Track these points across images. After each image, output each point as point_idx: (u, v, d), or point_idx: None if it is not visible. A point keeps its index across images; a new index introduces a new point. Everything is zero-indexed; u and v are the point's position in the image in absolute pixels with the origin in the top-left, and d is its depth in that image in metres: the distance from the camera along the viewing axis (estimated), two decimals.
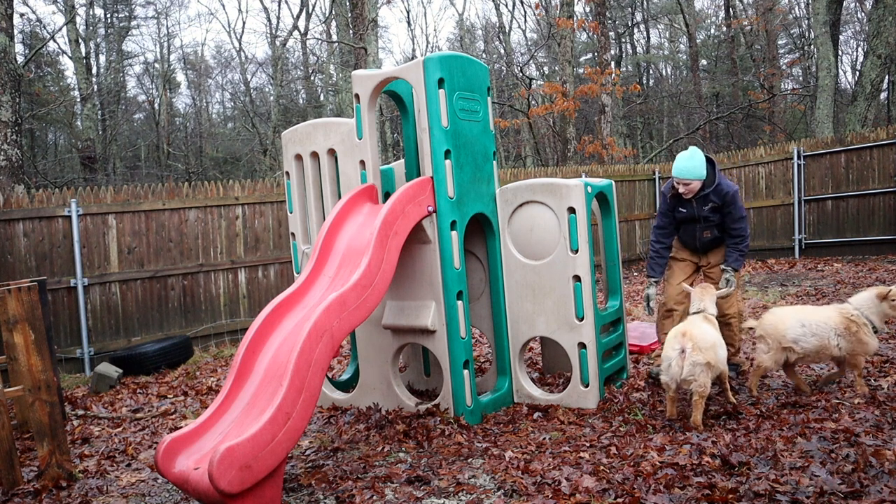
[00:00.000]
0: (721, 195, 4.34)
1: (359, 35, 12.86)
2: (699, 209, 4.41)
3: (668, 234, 4.62)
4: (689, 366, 3.58)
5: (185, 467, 2.94)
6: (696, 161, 4.31)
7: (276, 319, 3.51)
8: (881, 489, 2.72)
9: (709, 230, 4.47)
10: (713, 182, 4.35)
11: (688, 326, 3.77)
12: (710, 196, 4.36)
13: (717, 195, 4.35)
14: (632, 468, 3.14)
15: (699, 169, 4.30)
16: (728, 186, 4.36)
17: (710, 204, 4.36)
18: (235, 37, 44.68)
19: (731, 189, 4.35)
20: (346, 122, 4.42)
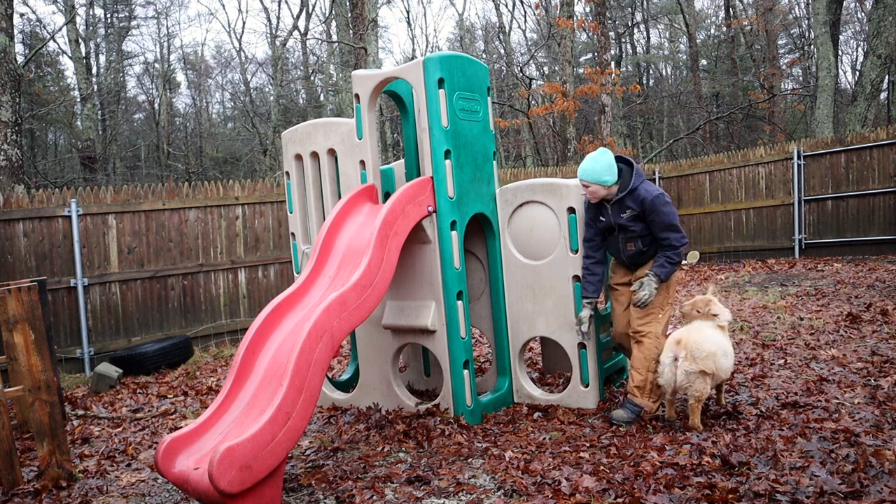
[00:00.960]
0: (638, 201, 3.85)
1: (359, 35, 12.86)
2: (616, 217, 3.93)
3: (596, 247, 4.10)
4: (682, 374, 3.57)
5: (185, 467, 2.94)
6: (599, 163, 3.90)
7: (276, 319, 3.51)
8: (881, 489, 2.72)
9: (632, 242, 3.95)
10: (627, 186, 3.89)
11: (685, 333, 3.69)
12: (625, 202, 3.89)
13: (633, 201, 3.86)
14: (632, 468, 3.14)
15: (601, 172, 3.88)
16: (647, 192, 3.84)
17: (627, 211, 3.89)
18: (235, 37, 44.73)
19: (649, 195, 3.83)
20: (346, 122, 4.42)
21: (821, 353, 5.03)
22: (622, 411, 3.89)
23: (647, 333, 3.86)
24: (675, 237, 3.83)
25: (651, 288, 3.83)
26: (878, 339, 5.32)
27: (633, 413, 3.85)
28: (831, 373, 4.49)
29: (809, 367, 4.67)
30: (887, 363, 4.60)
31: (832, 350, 5.07)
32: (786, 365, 4.79)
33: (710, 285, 4.41)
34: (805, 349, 5.18)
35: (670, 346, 3.68)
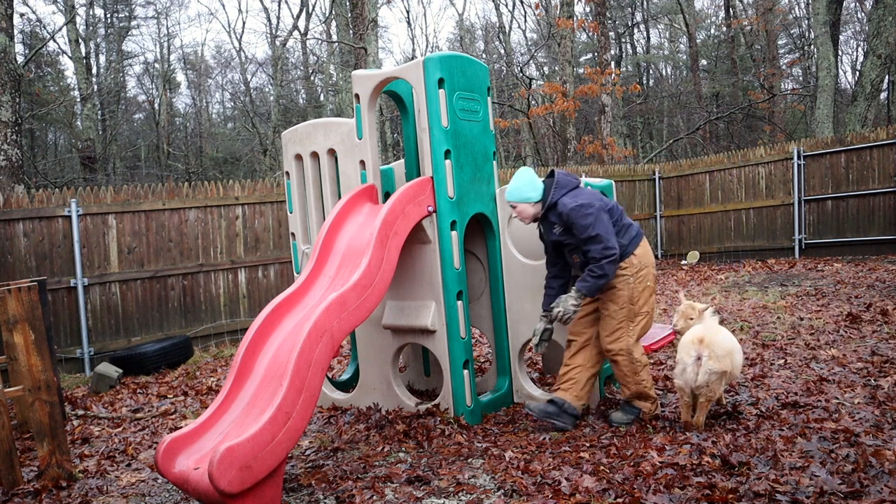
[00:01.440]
0: (558, 214, 3.72)
1: (359, 35, 12.86)
2: (548, 234, 3.86)
3: (551, 262, 4.00)
4: (704, 374, 3.48)
5: (185, 467, 2.94)
6: (520, 181, 3.81)
7: (276, 319, 3.51)
8: (881, 489, 2.72)
9: (575, 254, 3.81)
10: (547, 201, 3.78)
11: (706, 332, 3.58)
12: (549, 217, 3.80)
13: (555, 216, 3.75)
14: (632, 468, 3.14)
15: (523, 189, 3.79)
16: (564, 205, 3.68)
17: (554, 227, 3.78)
18: (235, 37, 44.72)
19: (566, 207, 3.67)
20: (346, 122, 4.42)
21: (821, 353, 5.03)
22: (621, 413, 3.89)
23: (618, 352, 3.75)
24: (596, 249, 3.59)
25: (567, 304, 3.68)
26: (878, 339, 5.32)
27: (632, 415, 3.86)
28: (831, 373, 4.49)
29: (809, 367, 4.67)
30: (887, 363, 4.60)
31: (832, 350, 5.07)
32: (786, 365, 4.79)
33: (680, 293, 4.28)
34: (805, 349, 5.18)
35: (692, 346, 3.55)
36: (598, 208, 3.66)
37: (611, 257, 3.58)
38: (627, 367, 3.76)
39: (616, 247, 3.61)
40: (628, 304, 3.73)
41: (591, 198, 3.71)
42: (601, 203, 3.71)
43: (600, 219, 3.62)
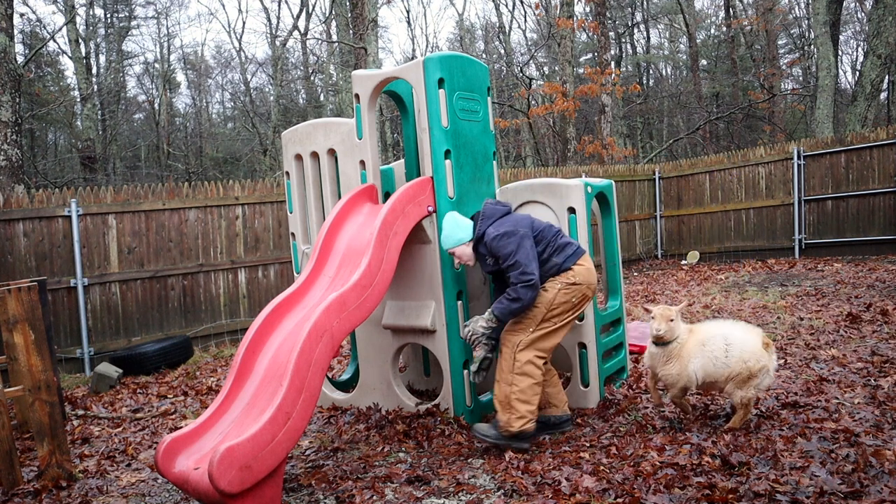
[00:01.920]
0: (485, 245, 3.68)
1: (359, 35, 12.86)
2: (484, 265, 3.80)
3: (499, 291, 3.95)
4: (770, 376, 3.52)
5: (185, 467, 2.94)
6: (448, 227, 3.79)
7: (276, 319, 3.51)
8: (881, 489, 2.72)
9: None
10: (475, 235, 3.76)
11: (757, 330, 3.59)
12: (479, 250, 3.76)
13: (483, 247, 3.71)
14: (632, 468, 3.14)
15: (452, 233, 3.76)
16: (489, 235, 3.66)
17: (486, 258, 3.73)
18: (235, 37, 44.72)
19: (488, 236, 3.65)
20: (346, 122, 4.41)
21: (821, 353, 5.03)
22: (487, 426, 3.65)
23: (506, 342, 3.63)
24: (514, 274, 3.52)
25: (476, 325, 3.64)
26: (878, 339, 5.32)
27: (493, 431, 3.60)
28: (831, 373, 4.48)
29: (809, 367, 4.66)
30: (887, 363, 4.60)
31: (832, 350, 5.07)
32: (786, 365, 4.79)
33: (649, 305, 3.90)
34: (805, 349, 5.18)
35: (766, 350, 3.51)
36: (522, 235, 3.59)
37: (527, 282, 3.48)
38: (506, 363, 3.61)
39: (534, 273, 3.50)
40: (545, 307, 3.59)
41: (516, 224, 3.66)
42: (526, 229, 3.64)
43: (522, 245, 3.56)
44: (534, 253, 3.59)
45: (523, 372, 3.56)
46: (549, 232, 3.74)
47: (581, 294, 3.67)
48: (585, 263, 3.72)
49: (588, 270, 3.70)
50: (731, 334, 3.53)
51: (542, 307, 3.60)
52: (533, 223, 3.74)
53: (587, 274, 3.69)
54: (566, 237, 3.81)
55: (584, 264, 3.71)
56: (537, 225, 3.75)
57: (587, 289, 3.69)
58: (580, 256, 3.72)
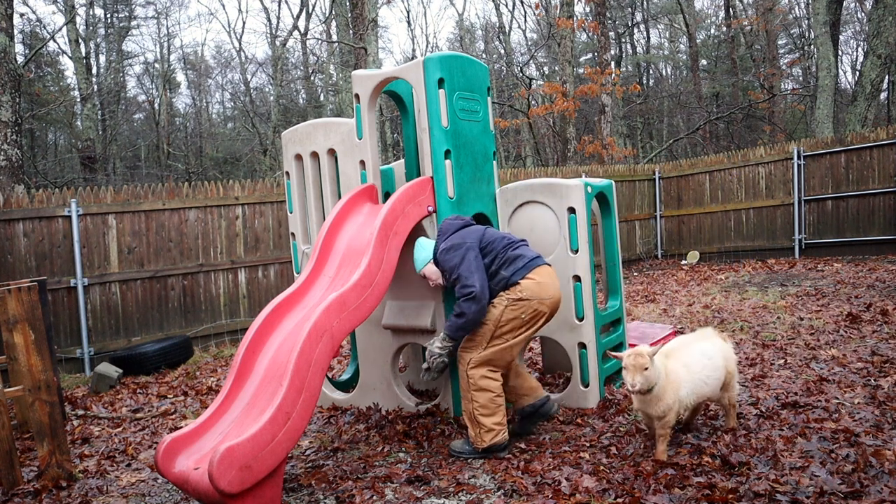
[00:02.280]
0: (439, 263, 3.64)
1: (359, 35, 12.86)
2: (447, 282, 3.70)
3: None
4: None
5: (185, 467, 2.94)
6: (416, 251, 3.78)
7: (276, 319, 3.51)
8: (881, 489, 2.72)
9: None
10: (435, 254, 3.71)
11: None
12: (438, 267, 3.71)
13: (440, 265, 3.66)
14: (632, 468, 3.14)
15: (419, 258, 3.75)
16: (438, 249, 3.64)
17: (444, 273, 3.66)
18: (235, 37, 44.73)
19: (437, 251, 3.64)
20: (346, 122, 4.42)
21: (821, 353, 5.03)
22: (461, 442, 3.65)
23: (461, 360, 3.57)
24: (457, 289, 3.44)
25: (432, 347, 3.58)
26: (878, 339, 5.32)
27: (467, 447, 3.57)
28: (831, 373, 4.49)
29: (809, 367, 4.67)
30: (887, 363, 4.60)
31: (832, 350, 5.07)
32: (786, 365, 4.79)
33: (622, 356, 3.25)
34: (805, 349, 5.18)
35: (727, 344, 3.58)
36: (467, 247, 3.50)
37: (467, 295, 3.37)
38: (463, 382, 3.55)
39: (474, 285, 3.37)
40: (493, 324, 3.48)
41: (464, 237, 3.57)
42: (473, 241, 3.54)
43: (465, 258, 3.47)
44: (478, 265, 3.47)
45: (479, 388, 3.49)
46: (500, 244, 3.59)
47: (532, 310, 3.47)
48: (537, 277, 3.50)
49: (539, 285, 3.48)
50: (705, 348, 3.42)
51: (490, 324, 3.48)
52: (483, 235, 3.62)
53: (537, 288, 3.47)
54: (520, 249, 3.61)
55: (535, 278, 3.49)
56: (488, 237, 3.62)
57: (539, 304, 3.48)
58: (531, 270, 3.51)
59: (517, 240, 3.70)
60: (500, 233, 3.73)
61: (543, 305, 3.50)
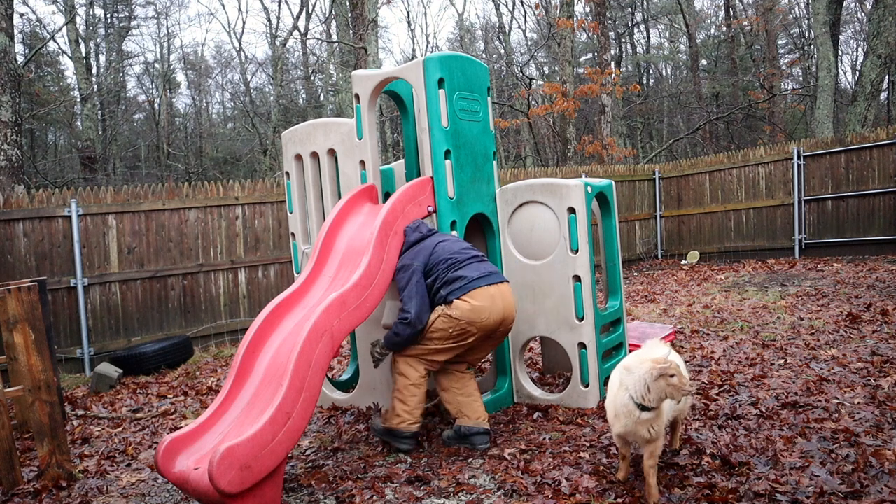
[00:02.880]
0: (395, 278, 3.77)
1: (359, 35, 12.86)
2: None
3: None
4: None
5: (185, 467, 2.94)
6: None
7: (276, 319, 3.51)
8: (881, 489, 2.72)
9: None
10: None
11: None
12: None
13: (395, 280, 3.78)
14: (632, 468, 3.14)
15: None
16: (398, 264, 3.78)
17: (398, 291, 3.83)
18: (235, 37, 44.73)
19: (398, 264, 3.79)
20: (346, 122, 4.42)
21: (821, 353, 5.03)
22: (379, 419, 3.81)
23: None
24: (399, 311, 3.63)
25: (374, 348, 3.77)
26: (878, 339, 5.32)
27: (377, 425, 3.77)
28: (831, 373, 4.49)
29: (809, 367, 4.67)
30: (887, 363, 4.60)
31: (832, 350, 5.07)
32: (786, 365, 4.79)
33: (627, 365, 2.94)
34: (805, 349, 5.18)
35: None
36: (413, 270, 3.61)
37: (403, 320, 3.54)
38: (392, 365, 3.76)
39: (411, 311, 3.52)
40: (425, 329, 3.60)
41: (414, 257, 3.67)
42: (420, 264, 3.63)
43: (410, 281, 3.60)
44: (418, 289, 3.58)
45: (399, 372, 3.66)
46: (443, 265, 3.63)
47: (460, 328, 3.53)
48: (472, 301, 3.51)
49: (472, 308, 3.50)
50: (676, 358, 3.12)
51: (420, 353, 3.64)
52: (432, 254, 3.66)
53: (468, 311, 3.50)
54: (463, 269, 3.61)
55: (470, 301, 3.51)
56: (434, 258, 3.66)
57: (468, 324, 3.52)
58: (467, 292, 3.53)
59: (465, 258, 3.68)
60: (448, 250, 3.70)
61: (472, 327, 3.55)
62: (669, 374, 2.70)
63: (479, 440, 3.67)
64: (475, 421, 3.70)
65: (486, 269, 3.67)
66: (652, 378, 2.71)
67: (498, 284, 3.65)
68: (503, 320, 3.63)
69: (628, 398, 2.79)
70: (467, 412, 3.73)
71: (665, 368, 2.71)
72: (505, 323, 3.66)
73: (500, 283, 3.66)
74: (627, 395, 2.80)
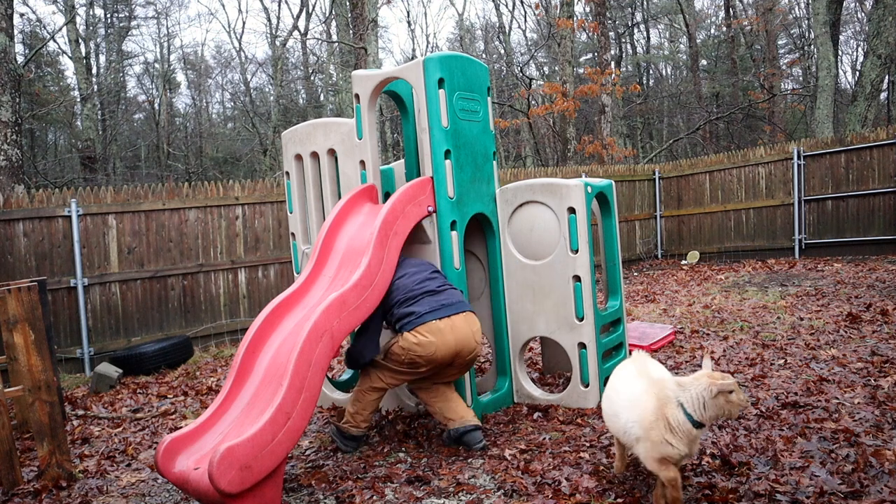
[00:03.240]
0: None
1: (359, 35, 12.86)
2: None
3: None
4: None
5: (185, 467, 2.94)
6: None
7: (276, 319, 3.51)
8: (881, 489, 2.72)
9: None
10: None
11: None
12: None
13: None
14: (632, 468, 3.14)
15: None
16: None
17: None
18: (235, 37, 44.72)
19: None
20: (346, 122, 4.42)
21: (821, 353, 5.03)
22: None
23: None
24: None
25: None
26: (878, 339, 5.32)
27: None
28: (831, 373, 4.49)
29: (809, 367, 4.67)
30: (887, 363, 4.60)
31: (832, 350, 5.07)
32: (786, 365, 4.79)
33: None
34: (805, 349, 5.18)
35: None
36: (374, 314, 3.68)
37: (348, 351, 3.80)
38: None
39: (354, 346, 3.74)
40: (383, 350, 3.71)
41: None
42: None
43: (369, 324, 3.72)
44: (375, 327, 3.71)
45: (365, 373, 3.80)
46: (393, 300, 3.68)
47: (409, 359, 3.58)
48: (418, 335, 3.54)
49: (418, 343, 3.53)
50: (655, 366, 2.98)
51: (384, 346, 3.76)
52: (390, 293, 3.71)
53: (415, 345, 3.53)
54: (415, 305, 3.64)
55: (416, 335, 3.54)
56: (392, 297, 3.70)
57: (416, 356, 3.56)
58: (416, 327, 3.56)
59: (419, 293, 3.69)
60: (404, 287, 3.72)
61: (420, 359, 3.57)
62: (729, 390, 2.59)
63: (470, 438, 3.67)
64: (460, 421, 3.71)
65: (438, 303, 3.65)
66: (710, 395, 2.59)
67: (451, 317, 3.61)
68: (457, 352, 3.61)
69: (684, 417, 2.60)
70: (450, 415, 3.74)
71: (725, 385, 2.59)
72: (461, 354, 3.63)
73: (452, 316, 3.62)
74: (682, 414, 2.61)
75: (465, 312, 3.68)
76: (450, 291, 3.76)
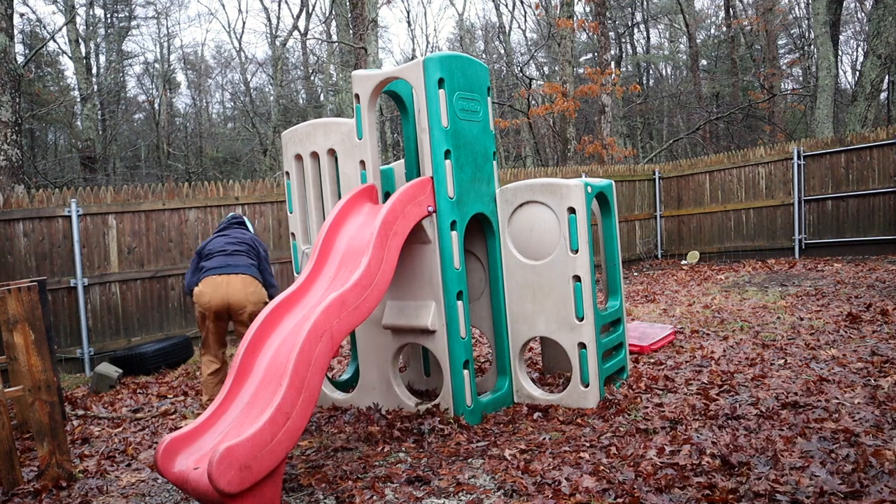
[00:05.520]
0: None
1: (359, 35, 12.86)
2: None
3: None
4: None
5: (185, 467, 2.94)
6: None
7: (276, 319, 3.51)
8: (881, 489, 2.72)
9: None
10: None
11: None
12: None
13: None
14: (632, 468, 3.14)
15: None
16: None
17: None
18: (235, 37, 44.72)
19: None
20: (346, 122, 4.42)
21: (821, 353, 5.03)
22: None
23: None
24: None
25: None
26: (878, 339, 5.32)
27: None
28: (831, 373, 4.48)
29: (809, 367, 4.66)
30: (887, 363, 4.60)
31: (832, 350, 5.07)
32: (786, 365, 4.79)
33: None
34: (805, 349, 5.18)
35: None
36: (196, 252, 4.87)
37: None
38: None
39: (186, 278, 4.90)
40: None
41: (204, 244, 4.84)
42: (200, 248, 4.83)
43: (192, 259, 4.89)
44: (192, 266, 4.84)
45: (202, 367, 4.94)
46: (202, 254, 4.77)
47: (198, 311, 4.68)
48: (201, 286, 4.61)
49: (199, 293, 4.60)
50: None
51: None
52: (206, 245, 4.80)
53: (197, 294, 4.62)
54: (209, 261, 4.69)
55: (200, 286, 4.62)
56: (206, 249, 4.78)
57: (199, 306, 4.63)
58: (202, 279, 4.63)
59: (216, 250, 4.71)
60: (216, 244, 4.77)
61: (201, 307, 4.64)
62: None
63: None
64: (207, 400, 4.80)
65: (224, 262, 4.61)
66: None
67: (228, 275, 4.56)
68: (228, 305, 4.57)
69: None
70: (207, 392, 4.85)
71: None
72: (232, 307, 4.58)
73: (230, 275, 4.57)
74: None
75: (242, 275, 4.58)
76: (241, 257, 4.59)
